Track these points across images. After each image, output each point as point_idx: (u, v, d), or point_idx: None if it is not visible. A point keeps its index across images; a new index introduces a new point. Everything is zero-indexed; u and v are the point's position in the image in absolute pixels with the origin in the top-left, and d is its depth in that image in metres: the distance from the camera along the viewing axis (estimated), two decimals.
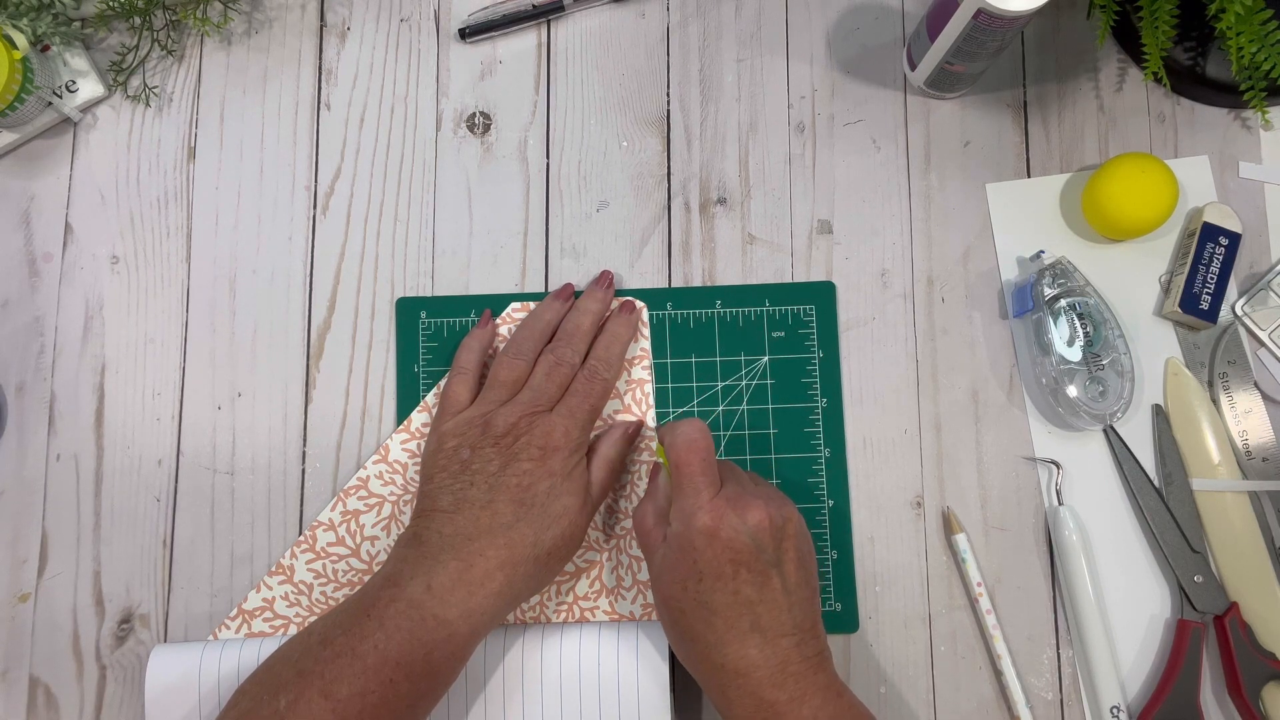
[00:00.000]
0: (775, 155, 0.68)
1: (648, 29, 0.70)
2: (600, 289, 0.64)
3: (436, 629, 0.52)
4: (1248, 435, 0.64)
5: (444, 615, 0.52)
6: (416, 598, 0.52)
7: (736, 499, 0.53)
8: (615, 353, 0.62)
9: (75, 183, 0.68)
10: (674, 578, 0.53)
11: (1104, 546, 0.63)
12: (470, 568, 0.53)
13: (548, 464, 0.57)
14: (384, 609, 0.52)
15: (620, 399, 0.64)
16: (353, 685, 0.50)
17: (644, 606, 0.62)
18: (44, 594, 0.64)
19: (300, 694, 0.49)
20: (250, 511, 0.65)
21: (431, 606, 0.52)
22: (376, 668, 0.50)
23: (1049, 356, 0.63)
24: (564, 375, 0.60)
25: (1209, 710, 0.61)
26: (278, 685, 0.50)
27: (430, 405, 0.64)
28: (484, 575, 0.53)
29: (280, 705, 0.49)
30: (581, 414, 0.59)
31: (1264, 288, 0.65)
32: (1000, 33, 0.59)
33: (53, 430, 0.65)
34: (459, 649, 0.53)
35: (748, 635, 0.52)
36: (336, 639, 0.51)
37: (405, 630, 0.51)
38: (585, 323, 0.62)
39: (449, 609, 0.52)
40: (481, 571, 0.53)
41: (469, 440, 0.58)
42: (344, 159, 0.68)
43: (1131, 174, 0.63)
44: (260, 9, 0.70)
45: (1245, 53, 0.60)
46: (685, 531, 0.53)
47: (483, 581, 0.53)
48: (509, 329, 0.65)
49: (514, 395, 0.60)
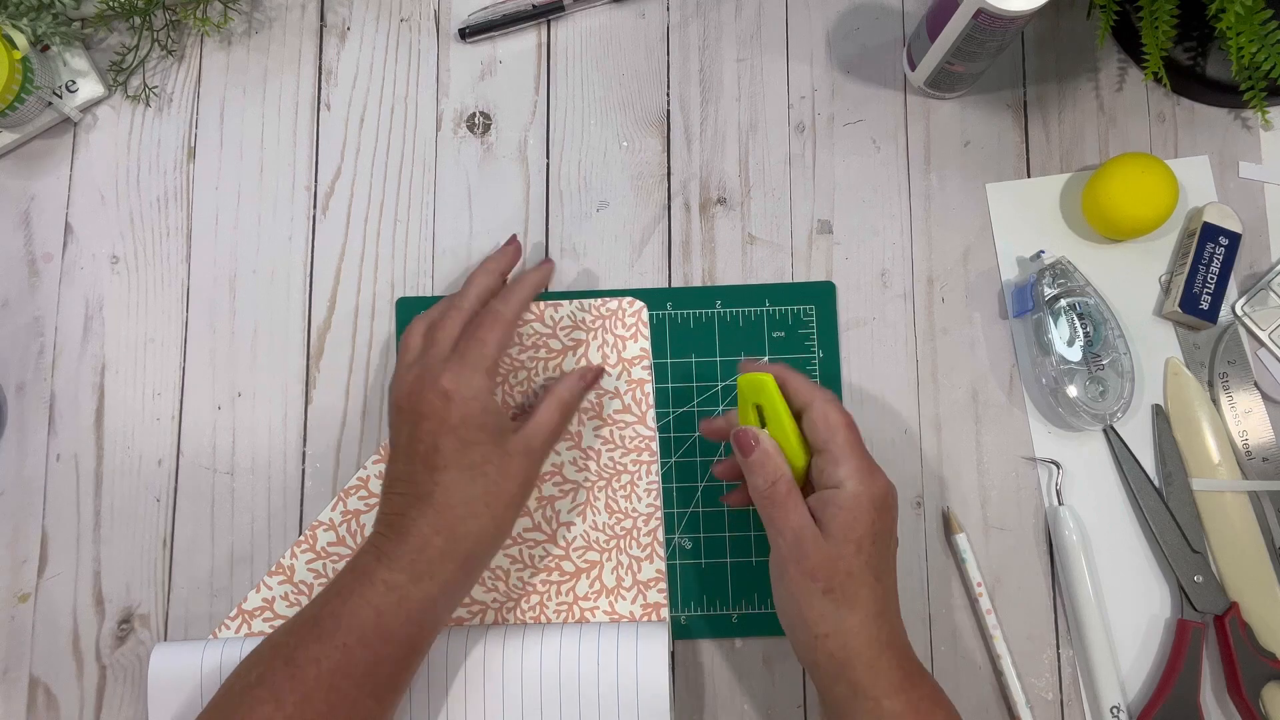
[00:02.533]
0: (775, 155, 0.68)
1: (648, 29, 0.70)
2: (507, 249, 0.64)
3: (386, 593, 0.52)
4: (1248, 435, 0.64)
5: (393, 580, 0.53)
6: (367, 566, 0.54)
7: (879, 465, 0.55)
8: (516, 292, 0.60)
9: (75, 183, 0.68)
10: (849, 537, 0.51)
11: (1104, 546, 0.63)
12: (410, 534, 0.54)
13: (446, 417, 0.55)
14: (342, 580, 0.54)
15: (620, 398, 0.64)
16: (309, 651, 0.51)
17: (644, 607, 0.62)
18: (44, 594, 0.64)
19: (269, 663, 0.52)
20: (250, 511, 0.65)
21: (381, 573, 0.53)
22: (330, 633, 0.52)
23: (1049, 356, 0.63)
24: (453, 321, 0.59)
25: (1209, 710, 0.61)
26: (257, 657, 0.53)
27: None
28: (424, 540, 0.54)
29: (252, 677, 0.52)
30: (471, 353, 0.56)
31: (1264, 288, 0.65)
32: (1000, 33, 0.59)
33: (53, 430, 0.65)
34: (413, 612, 0.53)
35: (891, 608, 0.52)
36: (305, 612, 0.54)
37: (357, 595, 0.53)
38: (478, 276, 0.62)
39: (397, 574, 0.53)
40: (422, 537, 0.54)
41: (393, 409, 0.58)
42: (344, 159, 0.68)
43: (1131, 174, 0.63)
44: (260, 9, 0.70)
45: (1245, 53, 0.60)
46: (866, 491, 0.52)
47: (424, 546, 0.53)
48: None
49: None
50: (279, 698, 0.50)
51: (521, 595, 0.62)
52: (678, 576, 0.63)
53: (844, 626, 0.51)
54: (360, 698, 0.51)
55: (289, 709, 0.50)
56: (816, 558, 0.51)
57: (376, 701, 0.52)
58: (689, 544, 0.64)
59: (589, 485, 0.63)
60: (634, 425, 0.64)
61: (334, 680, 0.51)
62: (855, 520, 0.51)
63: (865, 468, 0.53)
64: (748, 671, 0.63)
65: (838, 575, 0.51)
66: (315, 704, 0.50)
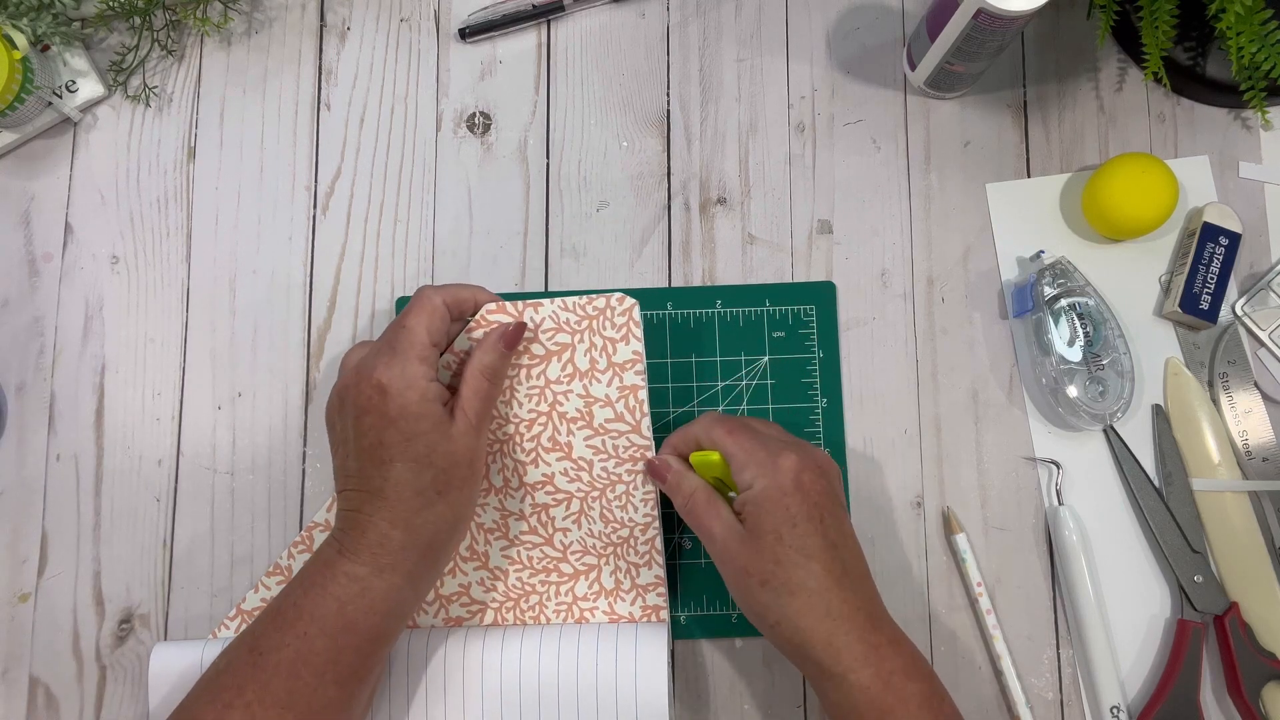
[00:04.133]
0: (775, 155, 0.68)
1: (648, 29, 0.70)
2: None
3: (348, 584, 0.53)
4: (1248, 435, 0.64)
5: (355, 571, 0.53)
6: (330, 558, 0.54)
7: (797, 446, 0.55)
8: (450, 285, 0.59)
9: (75, 183, 0.68)
10: (766, 528, 0.53)
11: (1104, 546, 0.63)
12: (369, 528, 0.54)
13: (386, 412, 0.54)
14: (306, 571, 0.54)
15: (612, 406, 0.61)
16: (270, 639, 0.52)
17: (643, 609, 0.62)
18: (44, 594, 0.64)
19: (235, 654, 0.53)
20: (250, 511, 0.65)
21: (343, 565, 0.53)
22: (292, 621, 0.52)
23: (1049, 356, 0.63)
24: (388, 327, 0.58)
25: (1209, 710, 0.61)
26: (226, 650, 0.54)
27: None
28: (383, 535, 0.53)
29: (221, 665, 0.53)
30: (400, 342, 0.55)
31: (1264, 288, 0.65)
32: (1000, 33, 0.59)
33: (53, 430, 0.65)
34: (376, 603, 0.53)
35: (842, 579, 0.52)
36: (271, 602, 0.54)
37: (319, 586, 0.53)
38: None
39: (359, 566, 0.53)
40: (379, 530, 0.53)
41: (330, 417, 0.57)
42: (344, 159, 0.68)
43: (1131, 174, 0.63)
44: (260, 9, 0.70)
45: (1245, 53, 0.60)
46: (772, 483, 0.53)
47: (382, 540, 0.53)
48: (482, 333, 0.59)
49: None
50: (241, 685, 0.51)
51: (521, 595, 0.62)
52: (678, 576, 0.63)
53: (788, 612, 0.52)
54: (321, 685, 0.52)
55: (249, 695, 0.51)
56: (744, 555, 0.53)
57: (339, 689, 0.52)
58: (689, 544, 0.64)
59: (582, 495, 0.62)
60: (627, 434, 0.60)
61: (294, 668, 0.51)
62: (768, 511, 0.53)
63: (764, 460, 0.54)
64: (748, 671, 0.63)
65: (766, 565, 0.53)
66: (275, 691, 0.51)
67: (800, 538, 0.52)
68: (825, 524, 0.53)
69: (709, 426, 0.57)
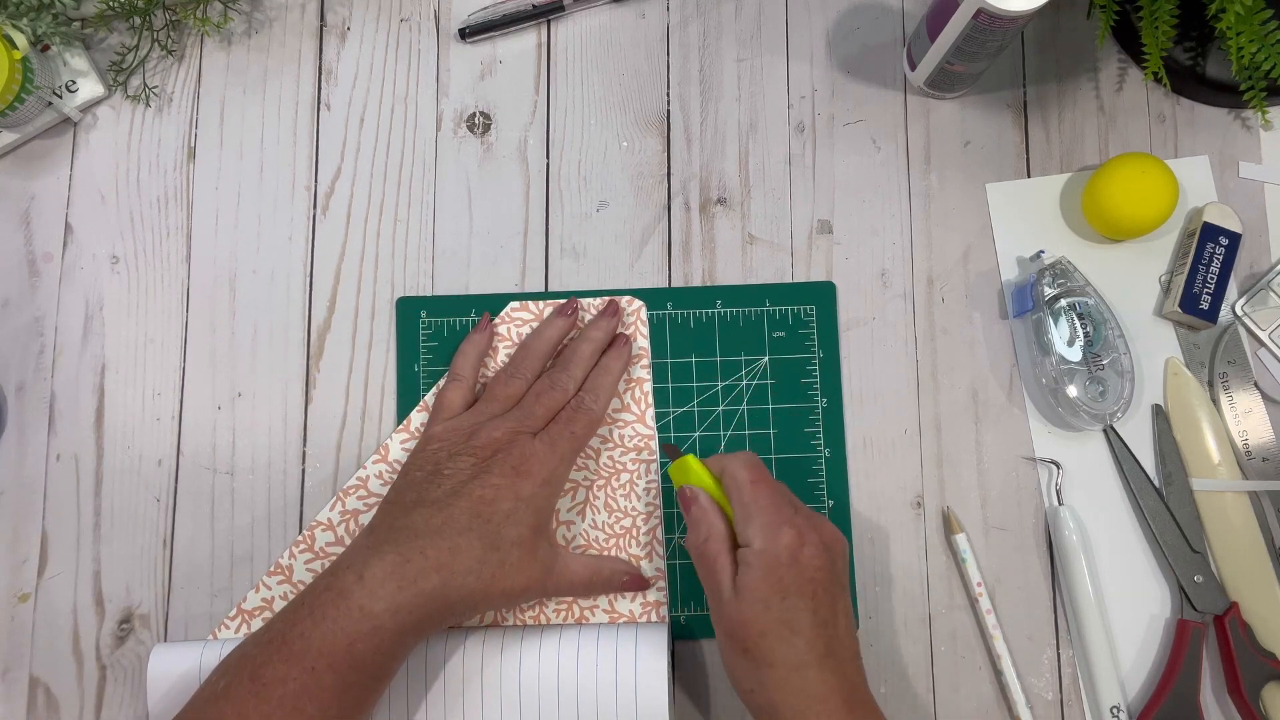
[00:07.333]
0: (775, 155, 0.68)
1: (648, 29, 0.70)
2: (606, 318, 0.64)
3: (361, 621, 0.52)
4: (1248, 435, 0.64)
5: (370, 608, 0.52)
6: (346, 588, 0.53)
7: (810, 516, 0.54)
8: (605, 385, 0.62)
9: (75, 183, 0.68)
10: (755, 596, 0.52)
11: (1104, 546, 0.63)
12: (407, 562, 0.53)
13: (517, 486, 0.56)
14: (316, 597, 0.53)
15: (619, 397, 0.64)
16: (276, 670, 0.51)
17: (643, 606, 0.62)
18: (44, 594, 0.64)
19: (236, 676, 0.51)
20: (250, 511, 0.65)
21: (359, 598, 0.52)
22: (300, 654, 0.51)
23: (1049, 356, 0.63)
24: (555, 400, 0.61)
25: (1209, 710, 0.61)
26: (225, 667, 0.53)
27: (429, 405, 0.64)
28: (419, 573, 0.53)
29: (220, 686, 0.52)
30: (563, 443, 0.59)
31: (1264, 288, 0.65)
32: (1000, 33, 0.59)
33: (53, 430, 0.65)
34: (384, 643, 0.52)
35: (825, 658, 0.51)
36: (275, 625, 0.53)
37: (330, 619, 0.52)
38: (586, 351, 0.63)
39: (377, 602, 0.52)
40: (417, 569, 0.53)
41: (450, 445, 0.58)
42: (344, 159, 0.68)
43: (1131, 174, 0.63)
44: (260, 9, 0.70)
45: (1245, 53, 0.60)
46: (770, 549, 0.52)
47: (416, 579, 0.53)
48: (508, 328, 0.65)
49: (506, 411, 0.60)
50: (242, 713, 0.50)
51: None
52: (678, 576, 0.63)
53: (764, 683, 0.51)
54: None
55: None
56: (732, 618, 0.53)
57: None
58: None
59: (588, 484, 0.64)
60: (633, 424, 0.64)
61: (298, 702, 0.50)
62: (761, 579, 0.52)
63: (772, 522, 0.53)
64: None
65: (750, 635, 0.52)
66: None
67: (788, 611, 0.51)
68: (817, 600, 0.52)
69: (740, 464, 0.56)
